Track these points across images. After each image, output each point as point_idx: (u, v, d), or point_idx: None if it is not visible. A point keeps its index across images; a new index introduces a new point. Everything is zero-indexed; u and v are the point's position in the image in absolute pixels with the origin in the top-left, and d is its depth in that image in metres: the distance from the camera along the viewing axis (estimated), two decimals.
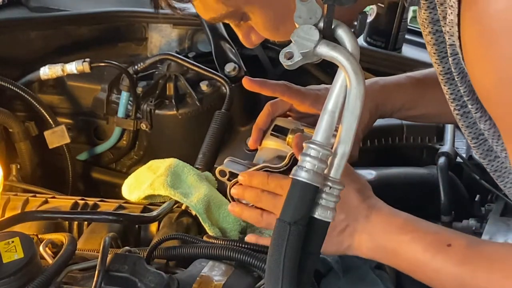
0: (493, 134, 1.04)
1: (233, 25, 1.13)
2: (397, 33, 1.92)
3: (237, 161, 1.21)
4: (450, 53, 0.99)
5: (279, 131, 1.25)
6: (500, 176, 1.12)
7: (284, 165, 1.15)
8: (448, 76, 1.06)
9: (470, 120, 1.07)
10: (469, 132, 1.09)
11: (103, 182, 2.05)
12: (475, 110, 1.02)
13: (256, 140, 1.27)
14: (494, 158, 1.10)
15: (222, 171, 1.19)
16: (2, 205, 1.49)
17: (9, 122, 1.85)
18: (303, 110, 1.30)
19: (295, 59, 0.90)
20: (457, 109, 1.07)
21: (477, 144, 1.10)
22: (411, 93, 1.35)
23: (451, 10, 0.93)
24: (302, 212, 0.90)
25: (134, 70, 1.94)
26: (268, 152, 1.23)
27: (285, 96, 1.29)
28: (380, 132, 1.74)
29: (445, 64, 1.05)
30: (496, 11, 0.86)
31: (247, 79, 1.29)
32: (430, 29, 1.04)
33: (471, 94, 1.01)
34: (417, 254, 1.06)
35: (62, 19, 2.06)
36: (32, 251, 1.14)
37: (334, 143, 0.93)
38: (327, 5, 0.89)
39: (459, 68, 1.00)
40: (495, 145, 1.06)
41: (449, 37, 0.97)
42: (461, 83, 1.01)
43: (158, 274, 1.12)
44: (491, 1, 0.86)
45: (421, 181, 1.60)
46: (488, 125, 1.03)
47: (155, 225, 1.38)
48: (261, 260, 1.16)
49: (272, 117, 1.28)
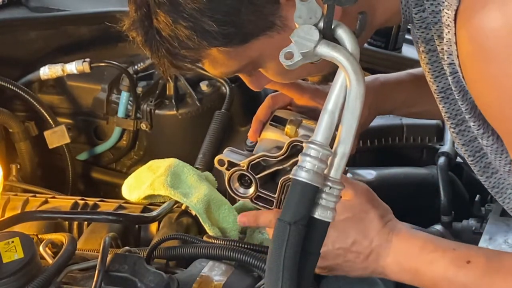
0: (496, 150, 1.04)
1: (242, 74, 1.13)
2: (397, 33, 1.92)
3: (236, 151, 1.22)
4: (449, 72, 1.00)
5: (277, 121, 1.25)
6: (499, 192, 1.13)
7: (282, 154, 1.15)
8: (443, 95, 1.07)
9: (466, 138, 1.08)
10: (465, 150, 1.10)
11: (103, 182, 2.05)
12: (477, 126, 1.03)
13: (255, 131, 1.27)
14: (492, 174, 1.11)
15: (220, 160, 1.20)
16: (2, 205, 1.49)
17: (9, 122, 1.85)
18: (302, 103, 1.30)
19: (295, 59, 0.90)
20: (453, 127, 1.08)
21: (474, 161, 1.11)
22: (412, 90, 1.36)
23: (447, 29, 0.94)
24: (302, 212, 0.90)
25: (134, 70, 1.94)
26: (267, 143, 1.23)
27: (284, 89, 1.29)
28: (380, 132, 1.74)
29: (439, 83, 1.06)
30: (491, 29, 0.87)
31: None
32: (423, 48, 1.05)
33: (472, 111, 1.01)
34: (439, 273, 1.08)
35: (62, 19, 2.06)
36: (32, 251, 1.14)
37: (334, 143, 0.93)
38: (327, 5, 0.89)
39: (460, 86, 1.00)
40: (498, 160, 1.06)
41: (448, 56, 0.98)
42: (462, 101, 1.02)
43: (158, 274, 1.12)
44: (486, 20, 0.87)
45: (421, 181, 1.60)
46: (491, 140, 1.03)
47: (155, 225, 1.39)
48: (261, 260, 1.16)
49: (272, 109, 1.28)
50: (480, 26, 0.88)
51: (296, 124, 1.19)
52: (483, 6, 0.88)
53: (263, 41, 1.01)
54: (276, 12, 0.99)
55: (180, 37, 0.99)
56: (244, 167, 1.18)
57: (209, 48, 1.01)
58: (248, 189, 1.20)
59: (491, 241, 1.24)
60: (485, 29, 0.87)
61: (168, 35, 1.00)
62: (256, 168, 1.18)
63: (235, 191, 1.21)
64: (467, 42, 0.91)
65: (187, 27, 0.98)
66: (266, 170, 1.18)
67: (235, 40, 1.00)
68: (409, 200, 1.55)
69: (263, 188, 1.19)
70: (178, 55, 1.03)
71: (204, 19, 0.97)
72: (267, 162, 1.18)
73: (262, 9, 0.98)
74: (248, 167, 1.18)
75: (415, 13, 1.02)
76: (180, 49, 1.01)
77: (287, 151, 1.15)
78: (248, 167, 1.18)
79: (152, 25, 1.01)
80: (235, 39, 1.00)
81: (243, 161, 1.18)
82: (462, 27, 0.91)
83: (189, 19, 0.97)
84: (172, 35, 1.00)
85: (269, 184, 1.20)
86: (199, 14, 0.97)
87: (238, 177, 1.20)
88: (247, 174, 1.19)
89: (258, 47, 1.03)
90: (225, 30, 0.98)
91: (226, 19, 0.98)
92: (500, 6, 0.87)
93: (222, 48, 1.02)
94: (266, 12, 0.98)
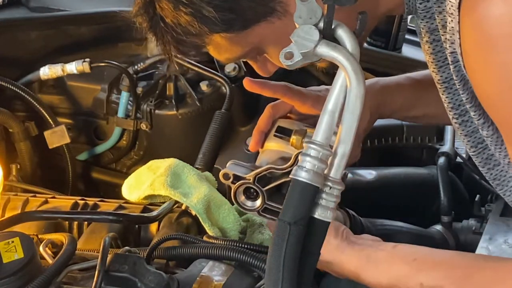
0: (496, 140, 1.04)
1: (248, 59, 1.14)
2: (397, 33, 1.92)
3: (240, 163, 1.20)
4: (451, 60, 1.00)
5: (282, 132, 1.24)
6: (500, 184, 1.12)
7: (290, 165, 1.13)
8: (446, 85, 1.06)
9: (469, 129, 1.08)
10: (467, 141, 1.09)
11: (103, 182, 2.05)
12: (478, 116, 1.03)
13: (257, 142, 1.26)
14: (493, 166, 1.10)
15: (225, 173, 1.18)
16: (2, 205, 1.49)
17: (9, 122, 1.85)
18: (304, 111, 1.29)
19: (295, 59, 0.90)
20: (456, 117, 1.08)
21: (476, 153, 1.10)
22: (411, 94, 1.36)
23: (451, 18, 0.94)
24: (302, 212, 0.90)
25: (134, 70, 1.94)
26: (271, 154, 1.22)
27: (286, 97, 1.29)
28: (380, 132, 1.74)
29: (443, 73, 1.06)
30: (496, 17, 0.87)
31: (247, 80, 1.29)
32: (427, 38, 1.05)
33: (473, 100, 1.01)
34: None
35: (62, 19, 2.06)
36: (32, 251, 1.14)
37: (334, 143, 0.93)
38: (327, 5, 0.89)
39: (461, 75, 1.00)
40: (498, 151, 1.06)
41: (450, 44, 0.98)
42: (463, 91, 1.01)
43: (158, 274, 1.12)
44: (491, 8, 0.87)
45: (421, 181, 1.60)
46: (491, 130, 1.03)
47: (155, 225, 1.38)
48: (261, 260, 1.16)
49: (273, 119, 1.28)
50: (483, 14, 0.87)
51: (302, 134, 1.18)
52: None
53: (264, 27, 1.01)
54: None
55: (182, 23, 1.00)
56: (250, 180, 1.16)
57: (211, 34, 1.02)
58: (255, 202, 1.18)
59: (491, 241, 1.24)
60: (489, 17, 0.87)
61: (171, 22, 1.01)
62: (262, 180, 1.16)
63: (242, 204, 1.19)
64: (470, 30, 0.91)
65: (187, 13, 0.99)
66: (272, 182, 1.16)
67: (236, 26, 1.01)
68: (409, 200, 1.55)
69: (270, 200, 1.17)
70: (183, 41, 1.03)
71: (202, 4, 0.98)
72: (273, 174, 1.16)
73: None
74: (254, 180, 1.16)
75: (419, 3, 1.02)
76: (184, 35, 1.02)
77: (294, 162, 1.13)
78: (255, 180, 1.16)
79: (156, 12, 1.02)
80: (236, 25, 1.01)
81: (249, 174, 1.16)
82: (466, 15, 0.91)
83: (188, 5, 0.98)
84: (175, 21, 1.01)
85: (275, 196, 1.18)
86: (198, 0, 0.97)
87: (243, 190, 1.19)
88: (254, 187, 1.17)
89: (259, 33, 1.03)
90: (224, 16, 0.99)
91: (224, 5, 0.98)
92: None
93: (224, 34, 1.02)
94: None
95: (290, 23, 0.91)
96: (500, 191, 1.13)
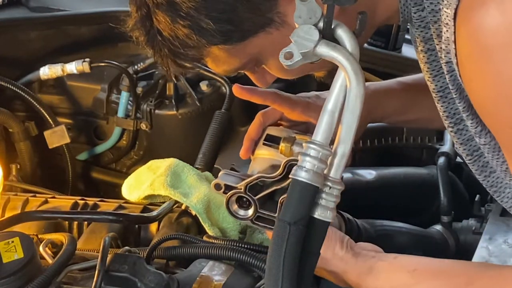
0: (493, 147, 1.04)
1: (246, 71, 1.13)
2: (397, 33, 1.92)
3: (231, 173, 1.21)
4: (446, 70, 1.00)
5: (271, 140, 1.24)
6: (497, 191, 1.12)
7: (279, 174, 1.14)
8: (441, 94, 1.07)
9: (464, 137, 1.08)
10: (463, 149, 1.09)
11: (103, 182, 2.05)
12: (475, 124, 1.03)
13: (247, 150, 1.25)
14: (490, 173, 1.11)
15: (217, 184, 1.18)
16: (2, 205, 1.49)
17: (9, 122, 1.85)
18: (293, 118, 1.29)
19: (295, 59, 0.90)
20: (451, 126, 1.08)
21: (472, 160, 1.10)
22: (402, 99, 1.36)
23: (446, 28, 0.94)
24: (302, 212, 0.90)
25: (134, 70, 1.94)
26: (262, 162, 1.22)
27: (275, 104, 1.28)
28: (380, 132, 1.74)
29: (438, 82, 1.06)
30: (491, 27, 0.87)
31: (237, 86, 1.28)
32: (422, 47, 1.05)
33: (470, 109, 1.01)
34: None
35: (62, 19, 2.06)
36: (32, 251, 1.14)
37: (334, 143, 0.93)
38: (327, 5, 0.89)
39: (457, 84, 1.00)
40: (495, 158, 1.06)
41: (445, 54, 0.98)
42: (459, 100, 1.02)
43: (158, 274, 1.12)
44: (487, 18, 0.87)
45: (421, 181, 1.60)
46: (488, 137, 1.03)
47: (155, 225, 1.38)
48: (261, 260, 1.16)
49: (263, 126, 1.27)
50: (479, 25, 0.88)
51: (290, 141, 1.17)
52: (481, 4, 0.88)
53: (262, 38, 1.01)
54: (273, 9, 0.99)
55: (180, 36, 1.00)
56: (241, 190, 1.16)
57: (209, 46, 1.02)
58: (248, 211, 1.18)
59: (491, 241, 1.24)
60: (484, 27, 0.87)
61: (169, 35, 1.01)
62: (253, 189, 1.16)
63: (235, 213, 1.19)
64: (466, 40, 0.91)
65: (185, 26, 0.99)
66: (264, 190, 1.16)
67: (234, 38, 1.01)
68: (409, 200, 1.55)
69: (262, 209, 1.17)
70: (180, 54, 1.03)
71: (201, 17, 0.98)
72: (264, 183, 1.16)
73: (259, 6, 0.98)
74: (245, 189, 1.16)
75: (414, 12, 1.02)
76: (181, 48, 1.02)
77: (283, 171, 1.13)
78: (246, 189, 1.16)
79: (153, 25, 1.02)
80: (234, 36, 1.00)
81: (240, 183, 1.17)
82: (461, 26, 0.91)
83: (186, 18, 0.98)
84: (172, 34, 1.00)
85: (268, 204, 1.17)
86: (196, 12, 0.97)
87: (236, 199, 1.18)
88: (245, 196, 1.17)
89: (257, 44, 1.03)
90: (222, 28, 0.99)
91: (222, 17, 0.98)
92: (499, 5, 0.87)
93: (221, 46, 1.02)
94: (263, 9, 0.99)
95: (288, 33, 0.91)
96: (497, 198, 1.14)
